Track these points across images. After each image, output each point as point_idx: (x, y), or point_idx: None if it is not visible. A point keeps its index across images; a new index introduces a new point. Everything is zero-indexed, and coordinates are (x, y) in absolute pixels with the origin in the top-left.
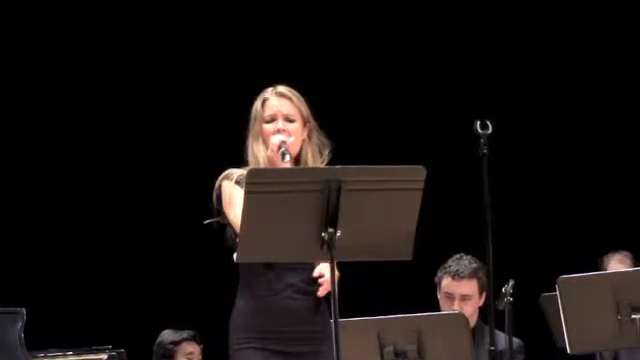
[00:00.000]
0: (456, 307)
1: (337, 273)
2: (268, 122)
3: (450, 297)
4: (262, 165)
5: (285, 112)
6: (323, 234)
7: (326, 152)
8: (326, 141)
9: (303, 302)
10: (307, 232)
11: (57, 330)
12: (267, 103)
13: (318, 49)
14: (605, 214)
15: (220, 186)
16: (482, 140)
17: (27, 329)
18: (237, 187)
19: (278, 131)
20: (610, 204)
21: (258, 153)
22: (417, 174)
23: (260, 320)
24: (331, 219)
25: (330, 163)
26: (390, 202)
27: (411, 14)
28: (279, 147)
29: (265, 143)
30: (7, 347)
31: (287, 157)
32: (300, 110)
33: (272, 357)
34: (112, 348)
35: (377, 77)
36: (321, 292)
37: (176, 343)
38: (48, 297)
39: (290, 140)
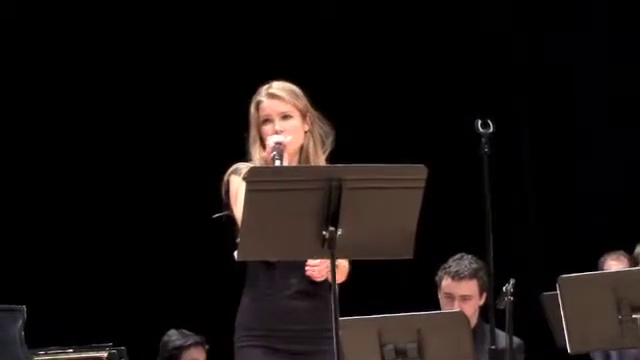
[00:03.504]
0: (456, 307)
1: (346, 264)
2: (265, 123)
3: (450, 297)
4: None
5: (279, 111)
6: (324, 232)
7: (328, 140)
8: (328, 129)
9: (306, 302)
10: (308, 230)
11: (58, 328)
12: (261, 106)
13: (318, 49)
14: (605, 213)
15: (228, 181)
16: (483, 139)
17: (27, 327)
18: (244, 183)
19: (276, 132)
20: (610, 203)
21: (255, 155)
22: (418, 173)
23: (263, 318)
24: (332, 217)
25: (331, 161)
26: (391, 201)
27: (411, 13)
28: (273, 149)
29: (263, 145)
30: (7, 345)
31: (277, 162)
32: (295, 105)
33: (275, 355)
34: (112, 346)
35: (378, 76)
36: (316, 275)
37: (182, 348)
38: (48, 295)
39: (287, 139)
